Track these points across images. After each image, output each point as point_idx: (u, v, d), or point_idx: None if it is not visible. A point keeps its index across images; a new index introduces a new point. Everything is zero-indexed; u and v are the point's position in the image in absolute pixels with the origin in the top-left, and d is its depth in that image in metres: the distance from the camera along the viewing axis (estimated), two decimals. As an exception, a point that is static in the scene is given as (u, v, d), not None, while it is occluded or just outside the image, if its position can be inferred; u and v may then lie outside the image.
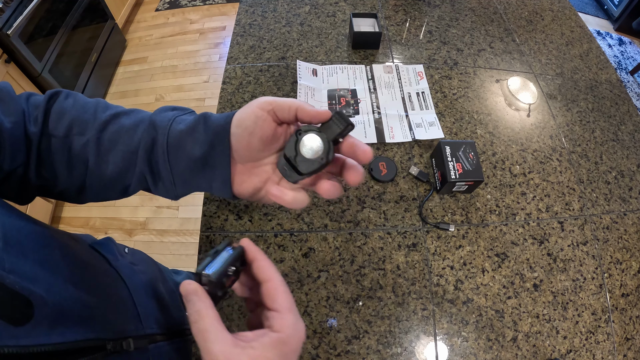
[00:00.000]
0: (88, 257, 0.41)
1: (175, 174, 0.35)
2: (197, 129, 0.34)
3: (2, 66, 1.37)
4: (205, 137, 0.33)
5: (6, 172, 0.33)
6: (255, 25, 0.92)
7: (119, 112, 0.37)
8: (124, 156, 0.35)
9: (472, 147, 0.67)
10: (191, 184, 0.36)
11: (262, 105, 0.32)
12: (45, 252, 0.32)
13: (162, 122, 0.35)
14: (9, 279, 0.26)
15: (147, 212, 1.73)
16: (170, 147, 0.34)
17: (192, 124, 0.34)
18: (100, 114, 0.36)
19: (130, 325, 0.41)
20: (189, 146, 0.34)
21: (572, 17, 1.06)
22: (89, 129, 0.35)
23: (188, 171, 0.35)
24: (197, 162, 0.34)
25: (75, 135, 0.35)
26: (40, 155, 0.35)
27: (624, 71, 2.34)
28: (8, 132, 0.32)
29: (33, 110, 0.35)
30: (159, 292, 0.55)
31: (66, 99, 0.37)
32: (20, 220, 0.31)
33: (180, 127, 0.34)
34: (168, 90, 2.13)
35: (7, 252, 0.27)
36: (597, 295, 0.63)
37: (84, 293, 0.34)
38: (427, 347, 0.57)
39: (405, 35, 0.93)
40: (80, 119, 0.35)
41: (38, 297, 0.27)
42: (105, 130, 0.35)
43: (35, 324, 0.27)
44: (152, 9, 2.57)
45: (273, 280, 0.31)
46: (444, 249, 0.64)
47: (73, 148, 0.35)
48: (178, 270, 1.14)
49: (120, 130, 0.35)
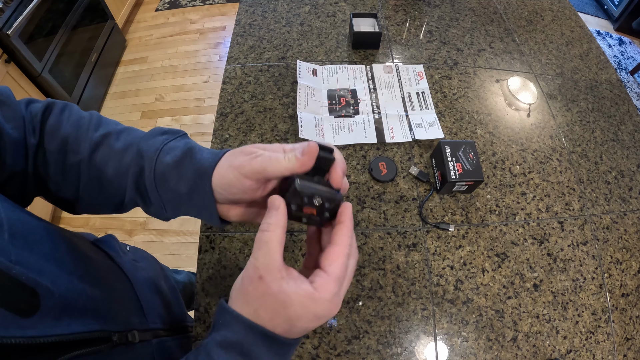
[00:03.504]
0: (91, 253, 0.42)
1: (165, 201, 0.35)
2: (183, 164, 0.34)
3: (2, 66, 1.37)
4: (190, 175, 0.33)
5: (8, 174, 0.34)
6: (255, 25, 0.92)
7: (110, 133, 0.37)
8: (115, 177, 0.36)
9: (472, 147, 0.67)
10: (180, 211, 0.36)
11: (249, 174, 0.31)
12: (50, 246, 0.32)
13: (149, 152, 0.35)
14: (15, 270, 0.26)
15: (147, 212, 1.73)
16: (157, 180, 0.34)
17: (179, 157, 0.34)
18: (92, 133, 0.36)
19: (135, 318, 0.42)
20: (174, 181, 0.34)
21: (572, 17, 1.06)
22: (82, 148, 0.36)
23: (176, 202, 0.35)
24: (184, 197, 0.34)
25: (68, 152, 0.36)
26: (37, 166, 0.36)
27: (624, 71, 2.34)
28: (10, 138, 0.33)
29: (32, 119, 0.36)
30: (161, 288, 0.56)
31: (61, 113, 0.37)
32: (25, 215, 0.32)
33: (167, 159, 0.34)
34: (168, 90, 2.13)
35: (13, 245, 0.27)
36: (597, 295, 0.63)
37: (89, 286, 0.34)
38: (427, 347, 0.57)
39: (405, 35, 0.93)
40: (73, 136, 0.36)
41: (44, 288, 0.28)
42: (97, 151, 0.36)
43: (41, 315, 0.27)
44: (152, 9, 2.57)
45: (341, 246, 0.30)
46: (444, 249, 0.64)
47: (67, 163, 0.36)
48: (178, 270, 1.14)
49: (110, 152, 0.36)
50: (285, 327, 0.29)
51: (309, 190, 0.30)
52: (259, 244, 0.29)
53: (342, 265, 0.30)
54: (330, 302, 0.29)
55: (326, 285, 0.29)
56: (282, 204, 0.30)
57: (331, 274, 0.29)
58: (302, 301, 0.28)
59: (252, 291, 0.28)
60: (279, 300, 0.28)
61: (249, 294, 0.29)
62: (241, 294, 0.29)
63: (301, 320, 0.29)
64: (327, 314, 0.29)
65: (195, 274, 0.71)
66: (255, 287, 0.28)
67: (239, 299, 0.29)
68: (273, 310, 0.28)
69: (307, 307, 0.28)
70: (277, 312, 0.28)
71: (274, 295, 0.28)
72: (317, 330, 0.56)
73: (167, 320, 0.50)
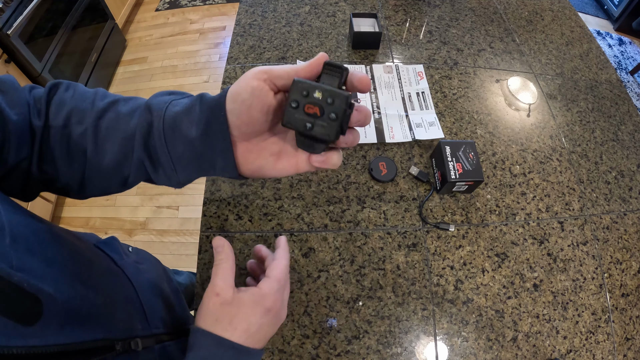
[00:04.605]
0: (94, 256, 0.41)
1: (175, 157, 0.33)
2: (193, 109, 0.32)
3: (2, 66, 1.37)
4: (200, 116, 0.32)
5: (11, 165, 0.33)
6: (255, 25, 0.92)
7: (117, 100, 0.36)
8: (121, 143, 0.34)
9: (472, 147, 0.67)
10: (192, 167, 0.34)
11: (257, 74, 0.30)
12: (52, 250, 0.31)
13: (157, 106, 0.34)
14: (17, 277, 0.25)
15: (147, 212, 1.73)
16: (166, 130, 0.33)
17: (189, 105, 0.33)
18: (98, 102, 0.35)
19: (137, 324, 0.41)
20: (185, 127, 0.32)
21: (572, 17, 1.06)
22: (87, 117, 0.34)
23: (188, 154, 0.33)
24: (196, 142, 0.32)
25: (73, 124, 0.34)
26: (42, 148, 0.34)
27: (624, 71, 2.34)
28: (14, 124, 0.32)
29: (36, 103, 0.35)
30: (164, 291, 0.55)
31: (66, 90, 0.36)
32: (27, 218, 0.31)
33: (176, 109, 0.33)
34: (168, 90, 2.13)
35: (15, 249, 0.26)
36: (597, 295, 0.63)
37: (92, 292, 0.33)
38: (427, 347, 0.57)
39: (405, 35, 0.93)
40: (79, 108, 0.35)
41: (47, 295, 0.27)
42: (103, 118, 0.34)
43: (44, 323, 0.26)
44: (152, 9, 2.57)
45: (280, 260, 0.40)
46: (444, 249, 0.64)
47: (72, 138, 0.34)
48: (178, 271, 1.14)
49: (117, 117, 0.34)
50: (244, 326, 0.35)
51: (309, 83, 0.28)
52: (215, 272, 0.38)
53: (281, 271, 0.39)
54: (274, 295, 0.37)
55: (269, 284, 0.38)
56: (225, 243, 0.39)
57: (272, 276, 0.39)
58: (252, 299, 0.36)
59: (212, 305, 0.36)
60: (233, 305, 0.36)
61: (209, 309, 0.36)
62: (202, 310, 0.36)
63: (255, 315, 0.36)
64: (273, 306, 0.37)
65: (196, 274, 0.71)
66: (213, 302, 0.36)
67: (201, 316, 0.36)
68: (230, 315, 0.35)
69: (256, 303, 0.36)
70: (234, 315, 0.35)
71: (229, 303, 0.36)
72: (317, 330, 0.56)
73: (169, 323, 0.50)
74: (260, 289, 0.37)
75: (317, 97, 0.28)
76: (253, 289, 0.37)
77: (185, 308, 0.61)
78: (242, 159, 0.34)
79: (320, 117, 0.28)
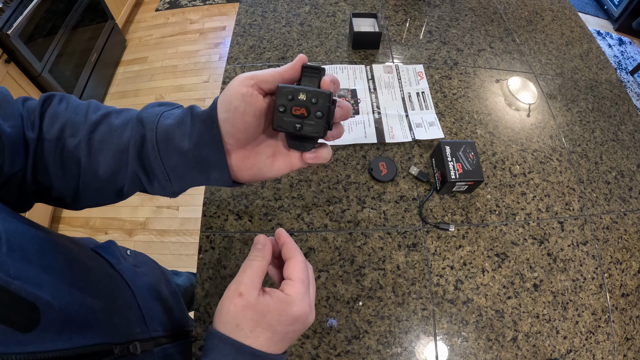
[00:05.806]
0: (91, 261, 0.41)
1: (169, 169, 0.34)
2: (185, 121, 0.33)
3: (2, 66, 1.37)
4: (192, 129, 0.33)
5: (5, 177, 0.33)
6: (255, 25, 0.92)
7: (109, 112, 0.36)
8: (115, 155, 0.34)
9: (472, 147, 0.67)
10: (187, 178, 0.35)
11: (244, 81, 0.31)
12: (49, 257, 0.31)
13: (149, 119, 0.34)
14: (14, 285, 0.25)
15: (147, 212, 1.73)
16: (159, 143, 0.33)
17: (180, 117, 0.34)
18: (91, 114, 0.36)
19: (136, 328, 0.41)
20: (177, 139, 0.33)
21: (572, 17, 1.06)
22: (80, 130, 0.35)
23: (181, 165, 0.34)
24: (189, 154, 0.33)
25: (67, 137, 0.35)
26: (36, 160, 0.35)
27: (624, 71, 2.34)
28: (8, 137, 0.32)
29: (30, 115, 0.35)
30: (163, 294, 0.55)
31: (60, 102, 0.37)
32: (23, 225, 0.31)
33: (168, 121, 0.34)
34: (168, 90, 2.13)
35: (12, 258, 0.27)
36: (597, 295, 0.63)
37: (89, 297, 0.34)
38: (427, 347, 0.57)
39: (405, 35, 0.93)
40: (72, 120, 0.35)
41: (44, 302, 0.27)
42: (96, 130, 0.35)
43: (42, 330, 0.27)
44: (152, 9, 2.57)
45: (294, 258, 0.35)
46: (444, 249, 0.64)
47: (65, 150, 0.35)
48: (177, 272, 1.14)
49: (110, 129, 0.35)
50: (267, 334, 0.32)
51: (292, 88, 0.31)
52: (244, 268, 0.34)
53: (301, 270, 0.35)
54: (302, 301, 0.33)
55: (294, 288, 0.33)
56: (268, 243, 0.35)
57: (295, 278, 0.34)
58: (277, 306, 0.32)
59: (233, 308, 0.32)
60: (257, 310, 0.32)
61: (230, 312, 0.32)
62: (222, 313, 0.33)
63: (281, 324, 0.32)
64: (301, 314, 0.33)
65: (195, 274, 0.71)
66: (235, 304, 0.32)
67: (221, 319, 0.33)
68: (253, 321, 0.32)
69: (283, 311, 0.32)
70: (257, 322, 0.32)
71: (253, 307, 0.32)
72: (317, 330, 0.56)
73: (168, 326, 0.50)
74: (286, 294, 0.33)
75: (302, 99, 0.31)
76: (279, 293, 0.33)
77: (184, 310, 0.61)
78: (240, 166, 0.35)
79: (308, 116, 0.31)
